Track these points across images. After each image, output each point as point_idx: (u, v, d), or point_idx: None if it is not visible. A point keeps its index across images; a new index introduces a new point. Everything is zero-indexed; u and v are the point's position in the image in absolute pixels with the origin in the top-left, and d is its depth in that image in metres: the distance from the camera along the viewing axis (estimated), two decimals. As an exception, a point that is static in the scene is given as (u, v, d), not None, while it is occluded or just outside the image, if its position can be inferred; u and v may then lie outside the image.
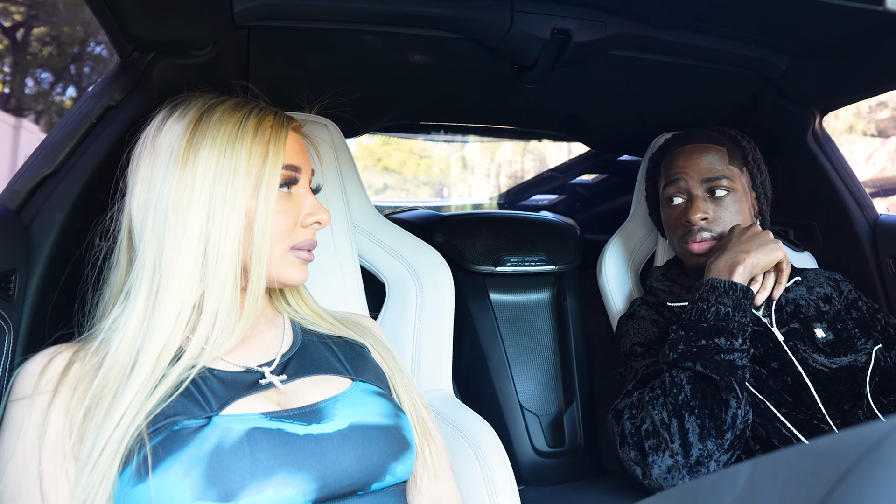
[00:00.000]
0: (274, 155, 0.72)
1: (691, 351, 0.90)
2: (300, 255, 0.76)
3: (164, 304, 0.67)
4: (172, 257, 0.68)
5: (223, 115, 0.72)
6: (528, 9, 1.03)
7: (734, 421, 0.86)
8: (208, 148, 0.70)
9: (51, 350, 0.68)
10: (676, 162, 1.15)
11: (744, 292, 0.94)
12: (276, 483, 0.60)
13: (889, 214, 1.33)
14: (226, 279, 0.69)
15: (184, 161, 0.70)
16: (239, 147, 0.70)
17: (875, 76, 1.18)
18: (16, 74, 10.02)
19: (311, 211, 0.77)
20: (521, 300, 1.52)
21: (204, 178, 0.69)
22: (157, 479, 0.58)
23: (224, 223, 0.69)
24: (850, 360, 1.00)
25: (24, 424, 0.62)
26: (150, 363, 0.64)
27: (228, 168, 0.70)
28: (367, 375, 0.77)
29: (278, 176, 0.72)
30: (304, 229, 0.76)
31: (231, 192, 0.69)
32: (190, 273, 0.68)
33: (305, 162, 0.78)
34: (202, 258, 0.68)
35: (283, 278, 0.76)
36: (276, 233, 0.73)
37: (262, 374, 0.71)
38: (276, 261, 0.74)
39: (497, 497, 0.84)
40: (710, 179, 1.11)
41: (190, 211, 0.68)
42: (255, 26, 1.03)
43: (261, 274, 0.71)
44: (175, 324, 0.67)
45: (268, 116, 0.74)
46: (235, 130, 0.71)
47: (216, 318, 0.69)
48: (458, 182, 11.89)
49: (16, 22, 9.49)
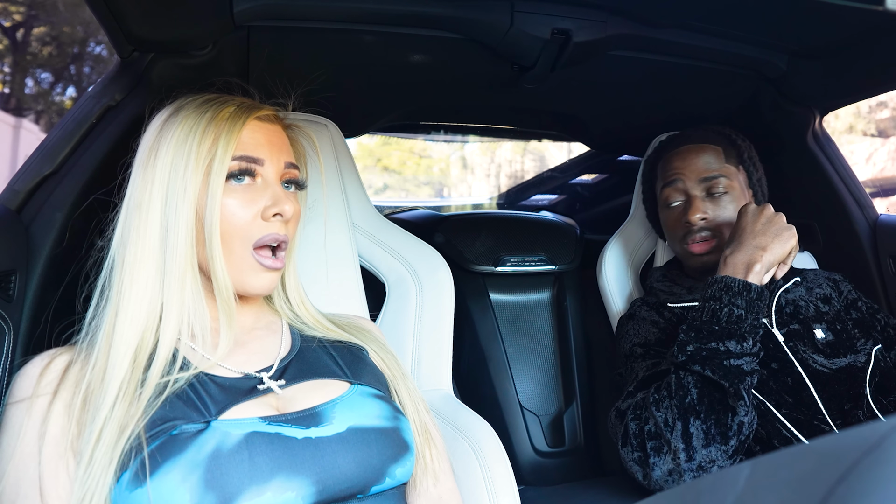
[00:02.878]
0: (224, 144, 0.71)
1: (701, 354, 0.89)
2: (263, 260, 0.73)
3: (128, 301, 0.67)
4: (134, 253, 0.69)
5: (188, 111, 0.73)
6: (528, 9, 1.03)
7: (740, 428, 0.86)
8: (166, 144, 0.71)
9: (51, 352, 0.68)
10: (673, 163, 1.15)
11: (758, 293, 0.91)
12: (275, 487, 0.60)
13: (889, 214, 1.33)
14: (183, 273, 0.69)
15: (147, 159, 0.72)
16: (192, 139, 0.71)
17: (875, 76, 1.18)
18: (16, 74, 10.02)
19: (272, 203, 0.72)
20: (521, 300, 1.52)
21: (163, 173, 0.70)
22: (155, 484, 0.58)
23: (178, 215, 0.69)
24: (849, 360, 1.00)
25: (23, 426, 0.62)
26: (126, 363, 0.64)
27: (182, 161, 0.70)
28: (365, 378, 0.77)
29: (227, 165, 0.70)
30: (265, 223, 0.72)
31: (182, 183, 0.70)
32: (151, 268, 0.69)
33: (272, 154, 0.74)
34: (162, 252, 0.69)
35: (245, 286, 0.73)
36: (231, 227, 0.71)
37: (260, 379, 0.71)
38: (237, 263, 0.72)
39: (497, 497, 0.84)
40: (707, 179, 1.11)
41: (151, 207, 0.70)
42: (255, 26, 1.03)
43: (220, 272, 0.70)
44: (143, 321, 0.67)
45: (226, 108, 0.73)
46: (193, 123, 0.72)
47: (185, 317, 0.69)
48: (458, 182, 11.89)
49: (16, 22, 9.49)
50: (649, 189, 1.28)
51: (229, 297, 0.71)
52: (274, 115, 0.79)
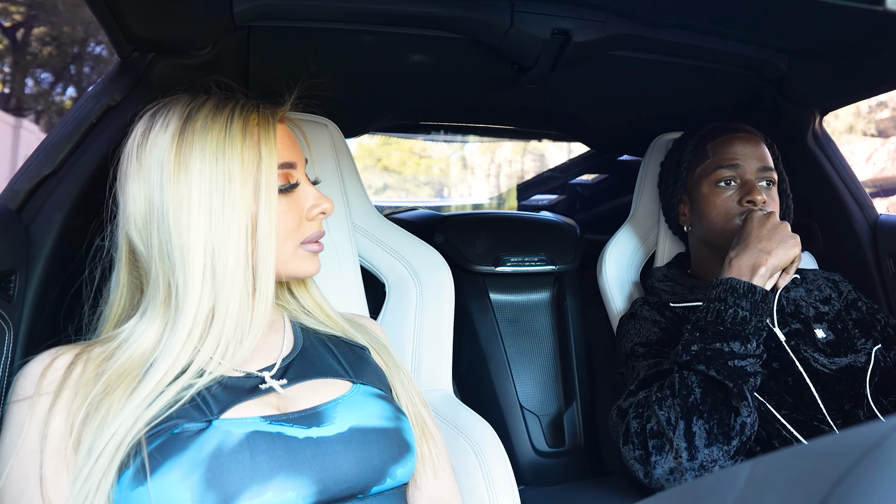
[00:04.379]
0: (268, 156, 0.70)
1: (705, 354, 0.89)
2: (310, 248, 0.76)
3: (182, 321, 0.67)
4: (185, 275, 0.67)
5: (206, 122, 0.70)
6: (528, 9, 1.03)
7: (742, 428, 0.86)
8: (198, 159, 0.68)
9: (52, 351, 0.68)
10: (735, 146, 1.14)
11: (763, 296, 0.92)
12: (276, 486, 0.60)
13: (889, 214, 1.33)
14: (234, 286, 0.68)
15: (175, 175, 0.68)
16: (230, 153, 0.69)
17: (875, 76, 1.18)
18: (16, 74, 10.01)
19: (315, 203, 0.76)
20: (521, 300, 1.52)
21: (200, 190, 0.68)
22: (156, 483, 0.58)
23: (226, 232, 0.68)
24: (850, 360, 1.00)
25: (25, 425, 0.62)
26: (159, 376, 0.64)
27: (223, 176, 0.68)
28: (367, 378, 0.77)
29: (275, 176, 0.71)
30: (309, 222, 0.76)
31: (229, 200, 0.68)
32: (201, 287, 0.67)
33: (298, 154, 0.77)
34: (211, 270, 0.67)
35: (296, 273, 0.76)
36: (282, 233, 0.73)
37: (262, 378, 0.71)
38: (287, 259, 0.74)
39: (497, 497, 0.84)
40: (766, 169, 1.12)
41: (191, 225, 0.67)
42: (255, 26, 1.03)
43: (269, 277, 0.70)
44: (188, 338, 0.67)
45: (252, 115, 0.72)
46: (223, 136, 0.69)
47: (224, 328, 0.68)
48: (458, 182, 11.89)
49: (16, 22, 9.49)
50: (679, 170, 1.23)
51: (269, 296, 0.71)
52: (283, 114, 0.79)
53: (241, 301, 0.69)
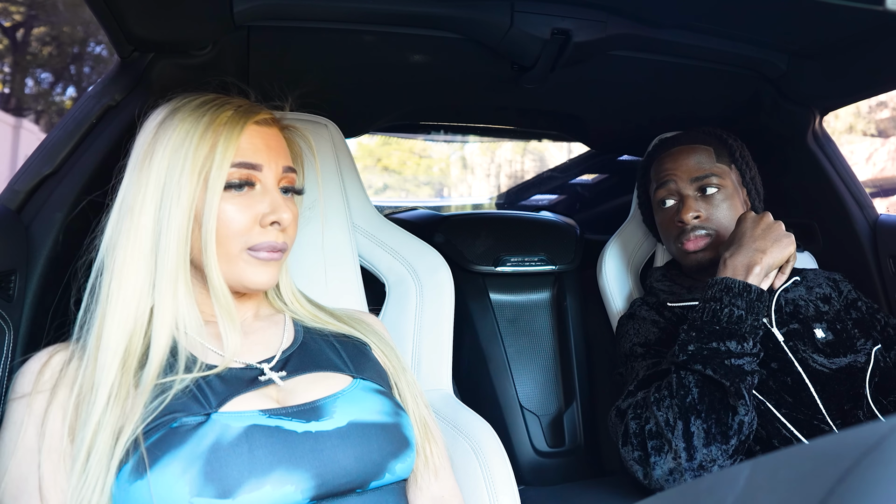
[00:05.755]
0: (222, 151, 0.70)
1: (702, 354, 0.89)
2: (258, 254, 0.72)
3: (116, 305, 0.67)
4: (123, 257, 0.68)
5: (185, 114, 0.72)
6: (528, 9, 1.03)
7: (740, 427, 0.86)
8: (162, 147, 0.70)
9: (50, 349, 0.68)
10: (664, 164, 1.17)
11: (758, 295, 0.92)
12: (275, 480, 0.60)
13: (889, 214, 1.33)
14: (175, 276, 0.69)
15: (142, 162, 0.71)
16: (188, 145, 0.70)
17: (875, 76, 1.18)
18: (16, 74, 10.02)
19: (270, 210, 0.72)
20: (521, 300, 1.52)
21: (158, 176, 0.70)
22: (155, 476, 0.58)
23: (171, 219, 0.69)
24: (849, 360, 1.00)
25: (23, 423, 0.63)
26: (115, 367, 0.64)
27: (178, 165, 0.70)
28: (368, 373, 0.77)
29: (225, 172, 0.70)
30: (262, 229, 0.72)
31: (177, 188, 0.69)
32: (141, 272, 0.68)
33: (271, 159, 0.74)
34: (153, 256, 0.69)
35: (242, 279, 0.72)
36: (228, 231, 0.71)
37: (261, 370, 0.71)
38: (232, 259, 0.71)
39: (497, 497, 0.84)
40: (699, 178, 1.12)
41: (143, 210, 0.69)
42: (255, 26, 1.03)
43: (214, 272, 0.70)
44: (131, 325, 0.67)
45: (225, 111, 0.72)
46: (189, 129, 0.71)
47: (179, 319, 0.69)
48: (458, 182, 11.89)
49: (16, 22, 9.49)
50: (644, 193, 1.29)
51: (226, 299, 0.71)
52: (271, 117, 0.78)
53: (184, 289, 0.70)
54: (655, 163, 1.20)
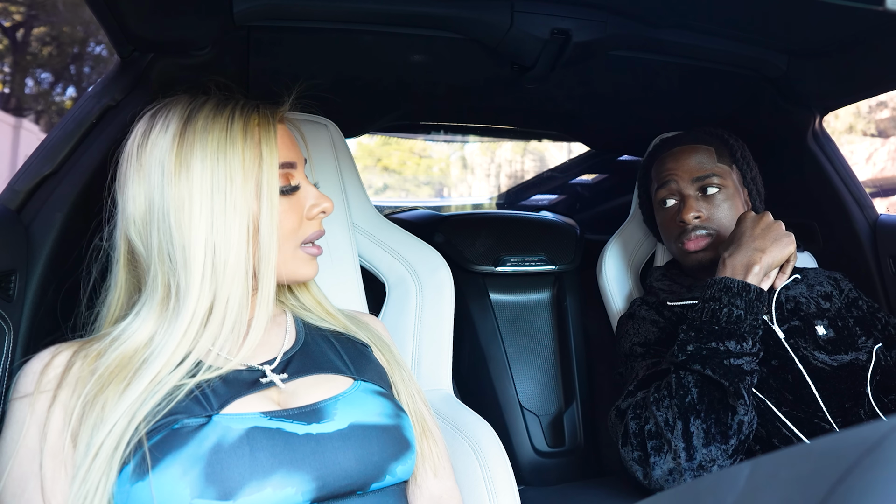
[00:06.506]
0: (269, 156, 0.71)
1: (701, 354, 0.89)
2: (309, 250, 0.77)
3: (180, 319, 0.67)
4: (186, 275, 0.67)
5: (207, 122, 0.71)
6: (528, 9, 1.03)
7: (740, 427, 0.86)
8: (199, 159, 0.69)
9: (52, 349, 0.68)
10: (665, 164, 1.17)
11: (757, 294, 0.92)
12: (275, 482, 0.61)
13: (889, 214, 1.33)
14: (234, 285, 0.69)
15: (176, 176, 0.68)
16: (231, 154, 0.69)
17: (875, 76, 1.18)
18: (16, 74, 10.01)
19: (315, 202, 0.77)
20: (521, 300, 1.52)
21: (202, 190, 0.68)
22: (156, 478, 0.58)
23: (227, 232, 0.68)
24: (851, 357, 1.00)
25: (25, 423, 0.63)
26: (154, 372, 0.64)
27: (224, 176, 0.69)
28: (368, 375, 0.77)
29: (276, 177, 0.71)
30: (310, 221, 0.77)
31: (230, 199, 0.68)
32: (200, 286, 0.68)
33: (297, 154, 0.77)
34: (211, 270, 0.68)
35: (295, 275, 0.77)
36: (284, 233, 0.73)
37: (263, 372, 0.71)
38: (287, 260, 0.75)
39: (497, 497, 0.84)
40: (700, 178, 1.12)
41: (193, 225, 0.68)
42: (255, 26, 1.03)
43: (270, 276, 0.71)
44: (184, 335, 0.67)
45: (252, 115, 0.73)
46: (224, 136, 0.70)
47: (224, 326, 0.69)
48: (458, 182, 11.89)
49: (16, 22, 9.49)
50: (644, 193, 1.29)
51: (271, 296, 0.72)
52: (282, 114, 0.79)
53: (241, 301, 0.69)
54: (657, 162, 1.20)
